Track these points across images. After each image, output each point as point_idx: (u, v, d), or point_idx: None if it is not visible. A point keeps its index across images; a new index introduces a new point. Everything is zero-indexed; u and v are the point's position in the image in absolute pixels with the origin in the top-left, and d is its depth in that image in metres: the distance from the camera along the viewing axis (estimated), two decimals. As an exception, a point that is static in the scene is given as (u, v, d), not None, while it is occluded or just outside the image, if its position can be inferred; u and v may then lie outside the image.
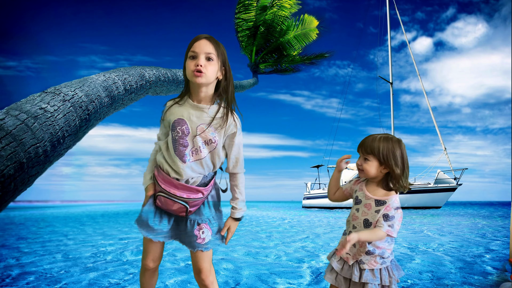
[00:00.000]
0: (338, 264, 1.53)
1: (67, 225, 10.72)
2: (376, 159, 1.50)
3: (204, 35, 1.53)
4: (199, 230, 1.62)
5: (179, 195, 1.53)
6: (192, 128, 1.54)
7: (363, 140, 1.56)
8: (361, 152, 1.54)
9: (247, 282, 3.05)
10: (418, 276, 3.27)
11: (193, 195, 1.56)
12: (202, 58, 1.49)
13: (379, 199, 1.50)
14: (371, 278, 1.46)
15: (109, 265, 3.87)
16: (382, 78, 25.95)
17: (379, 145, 1.49)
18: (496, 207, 31.98)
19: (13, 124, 1.93)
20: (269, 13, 11.68)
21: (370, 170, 1.51)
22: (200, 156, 1.54)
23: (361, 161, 1.54)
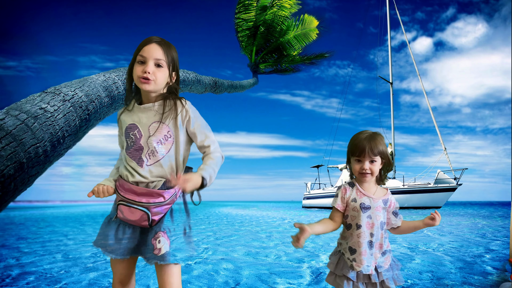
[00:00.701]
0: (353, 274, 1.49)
1: (67, 225, 10.73)
2: (381, 158, 1.51)
3: (155, 38, 1.46)
4: (156, 239, 1.46)
5: (138, 200, 1.42)
6: (143, 130, 1.46)
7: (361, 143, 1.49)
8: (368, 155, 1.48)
9: (247, 282, 3.05)
10: (418, 276, 3.27)
11: (153, 199, 1.43)
12: (151, 65, 1.42)
13: (384, 198, 1.53)
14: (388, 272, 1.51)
15: (109, 265, 3.87)
16: (382, 78, 25.96)
17: (380, 143, 1.51)
18: (496, 207, 31.98)
19: (13, 124, 1.93)
20: (269, 13, 11.69)
21: (377, 171, 1.52)
22: (157, 157, 1.45)
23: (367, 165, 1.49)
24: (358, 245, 1.50)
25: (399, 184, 22.44)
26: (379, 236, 1.50)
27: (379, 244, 1.50)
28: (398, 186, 22.29)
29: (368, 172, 1.49)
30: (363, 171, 1.49)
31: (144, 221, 1.45)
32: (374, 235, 1.50)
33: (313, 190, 28.63)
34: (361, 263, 1.49)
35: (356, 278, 1.49)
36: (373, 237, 1.50)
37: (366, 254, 1.49)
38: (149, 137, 1.45)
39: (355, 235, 1.51)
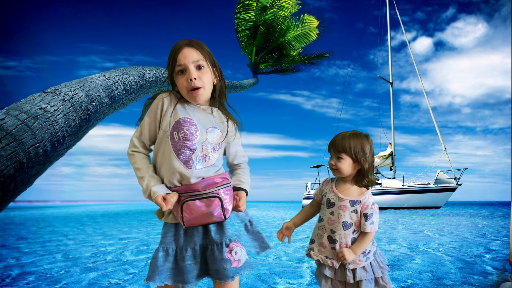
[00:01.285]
0: (330, 271, 1.51)
1: (67, 225, 10.73)
2: (349, 156, 1.49)
3: (184, 41, 1.35)
4: (230, 251, 1.34)
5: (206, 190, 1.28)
6: (201, 130, 1.34)
7: (333, 139, 1.54)
8: (333, 151, 1.52)
9: (247, 282, 3.05)
10: (418, 276, 3.27)
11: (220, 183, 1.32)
12: (193, 70, 1.32)
13: (353, 199, 1.48)
14: (364, 274, 1.48)
15: (109, 265, 3.87)
16: (382, 78, 25.95)
17: (350, 142, 1.49)
18: (496, 207, 31.99)
19: (13, 124, 1.93)
20: (269, 13, 11.69)
21: (344, 169, 1.50)
22: (209, 163, 1.35)
23: (334, 161, 1.52)
24: (318, 236, 1.56)
25: (399, 184, 22.44)
26: (342, 236, 1.48)
27: (343, 243, 1.48)
28: (398, 186, 22.29)
29: (334, 167, 1.52)
30: (330, 166, 1.54)
31: (218, 211, 1.30)
32: (336, 233, 1.49)
33: (313, 190, 28.61)
34: (320, 253, 1.53)
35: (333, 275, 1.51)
36: (334, 234, 1.50)
37: (325, 247, 1.52)
38: (206, 140, 1.35)
39: (317, 227, 1.57)
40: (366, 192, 1.51)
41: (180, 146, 1.30)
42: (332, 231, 1.50)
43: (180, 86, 1.35)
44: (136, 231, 8.24)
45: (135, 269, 3.64)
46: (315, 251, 1.55)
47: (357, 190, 1.52)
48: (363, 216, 1.47)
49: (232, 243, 1.36)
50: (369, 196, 1.51)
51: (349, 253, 1.44)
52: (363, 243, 1.47)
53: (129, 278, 3.25)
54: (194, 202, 1.28)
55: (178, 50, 1.33)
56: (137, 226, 9.86)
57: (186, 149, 1.30)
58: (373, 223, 1.47)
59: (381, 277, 1.51)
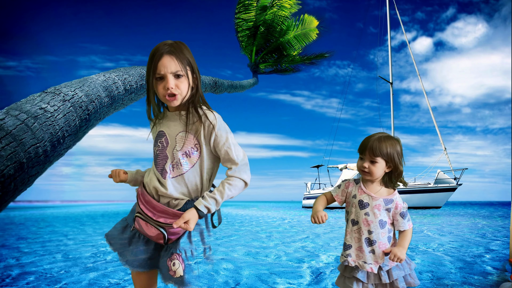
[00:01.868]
0: (363, 275, 1.49)
1: (67, 225, 10.73)
2: (384, 160, 1.50)
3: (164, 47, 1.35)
4: (170, 261, 1.39)
5: (156, 219, 1.35)
6: (170, 139, 1.38)
7: (367, 142, 1.51)
8: (369, 155, 1.50)
9: (247, 282, 3.05)
10: (418, 276, 3.27)
11: (170, 220, 1.34)
12: (171, 79, 1.33)
13: (387, 198, 1.52)
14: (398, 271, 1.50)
15: (109, 265, 3.87)
16: (382, 78, 25.95)
17: (386, 146, 1.50)
18: (496, 207, 31.98)
19: (13, 124, 1.93)
20: (269, 13, 11.69)
21: (377, 172, 1.51)
22: (181, 170, 1.36)
23: (367, 164, 1.51)
24: (355, 240, 1.53)
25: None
26: (379, 235, 1.49)
27: (382, 243, 1.49)
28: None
29: (367, 171, 1.51)
30: (362, 169, 1.52)
31: (160, 240, 1.39)
32: (373, 233, 1.50)
33: (313, 190, 28.62)
34: (358, 258, 1.51)
35: (366, 279, 1.48)
36: (371, 235, 1.49)
37: (363, 251, 1.50)
38: (175, 147, 1.37)
39: (352, 231, 1.54)
40: (395, 192, 1.56)
41: (157, 157, 1.42)
42: (370, 232, 1.50)
43: (158, 92, 1.39)
44: (136, 231, 8.23)
45: (135, 269, 3.64)
46: (353, 256, 1.52)
47: (385, 190, 1.55)
48: (400, 216, 1.52)
49: (175, 255, 1.40)
50: (399, 196, 1.56)
51: (401, 251, 1.44)
52: (407, 239, 1.50)
53: (129, 278, 3.25)
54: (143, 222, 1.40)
55: (158, 58, 1.34)
56: (137, 226, 9.85)
57: (161, 160, 1.40)
58: (409, 220, 1.53)
59: (409, 274, 1.53)
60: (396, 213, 1.52)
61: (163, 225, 1.36)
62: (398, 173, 1.53)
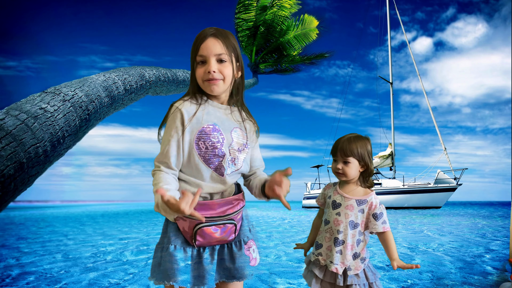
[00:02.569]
0: (320, 271, 1.52)
1: (67, 225, 10.73)
2: (356, 159, 1.51)
3: (210, 30, 1.27)
4: (249, 249, 1.31)
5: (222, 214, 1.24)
6: (226, 134, 1.28)
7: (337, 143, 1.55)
8: (340, 156, 1.52)
9: (247, 282, 3.05)
10: (418, 276, 3.27)
11: (236, 207, 1.28)
12: (213, 63, 1.24)
13: (360, 199, 1.50)
14: (356, 280, 1.48)
15: (109, 265, 3.87)
16: (382, 78, 25.95)
17: (357, 145, 1.51)
18: (496, 207, 31.98)
19: (13, 124, 1.93)
20: (269, 13, 11.69)
21: (351, 172, 1.51)
22: (238, 166, 1.30)
23: (340, 165, 1.52)
24: (324, 239, 1.55)
25: (399, 184, 22.44)
26: (348, 236, 1.48)
27: (350, 245, 1.48)
28: (398, 186, 22.28)
29: (340, 172, 1.52)
30: (336, 170, 1.53)
31: (231, 235, 1.27)
32: (341, 233, 1.49)
33: (313, 190, 28.61)
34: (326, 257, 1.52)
35: (323, 276, 1.50)
36: (339, 235, 1.49)
37: (332, 250, 1.50)
38: (232, 143, 1.28)
39: (323, 231, 1.56)
40: (371, 193, 1.53)
41: (209, 155, 1.24)
42: (338, 232, 1.50)
43: (197, 76, 1.28)
44: (136, 231, 8.24)
45: (135, 269, 3.64)
46: (323, 255, 1.54)
47: (362, 190, 1.53)
48: (373, 217, 1.47)
49: (250, 241, 1.33)
50: (375, 196, 1.52)
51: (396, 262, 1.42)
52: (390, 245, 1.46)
53: (129, 278, 3.25)
54: (210, 228, 1.23)
55: (202, 40, 1.26)
56: (137, 226, 9.86)
57: (215, 157, 1.24)
58: (385, 222, 1.47)
59: (374, 282, 1.51)
60: (369, 214, 1.49)
61: (231, 216, 1.26)
62: (369, 172, 1.53)
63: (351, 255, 1.48)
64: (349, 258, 1.48)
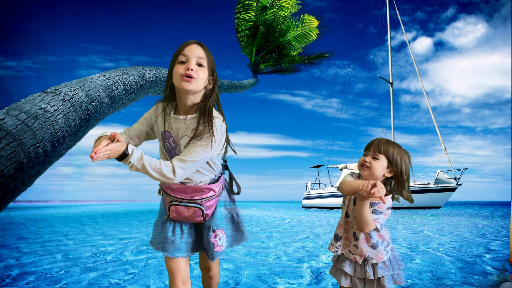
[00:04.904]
0: (350, 268, 1.52)
1: (67, 225, 10.73)
2: (386, 159, 1.48)
3: (195, 40, 1.43)
4: (215, 236, 1.54)
5: (191, 198, 1.48)
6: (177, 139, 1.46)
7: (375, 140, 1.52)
8: (372, 150, 1.50)
9: (247, 282, 3.05)
10: (418, 276, 3.27)
11: (205, 195, 1.50)
12: (193, 63, 1.37)
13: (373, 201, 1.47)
14: (385, 270, 1.48)
15: (109, 265, 3.87)
16: (382, 78, 25.94)
17: (392, 147, 1.49)
18: (496, 207, 31.97)
19: (13, 124, 1.93)
20: (269, 13, 11.69)
21: (377, 169, 1.48)
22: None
23: (369, 158, 1.49)
24: (344, 231, 1.56)
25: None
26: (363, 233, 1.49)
27: (365, 238, 1.49)
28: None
29: (368, 165, 1.50)
30: (363, 163, 1.51)
31: (199, 217, 1.52)
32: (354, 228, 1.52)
33: (313, 190, 28.60)
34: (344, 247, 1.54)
35: (353, 272, 1.51)
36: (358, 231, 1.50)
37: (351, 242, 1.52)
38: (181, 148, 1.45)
39: (344, 222, 1.56)
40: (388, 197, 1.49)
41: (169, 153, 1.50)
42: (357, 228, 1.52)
43: (175, 73, 1.39)
44: (136, 231, 8.24)
45: (135, 269, 3.64)
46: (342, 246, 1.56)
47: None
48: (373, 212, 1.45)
49: (218, 230, 1.56)
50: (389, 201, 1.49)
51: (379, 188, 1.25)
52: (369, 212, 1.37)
53: (129, 278, 3.25)
54: (180, 207, 1.50)
55: (187, 44, 1.41)
56: (137, 226, 9.86)
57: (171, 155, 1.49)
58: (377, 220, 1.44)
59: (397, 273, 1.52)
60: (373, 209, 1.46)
61: (199, 201, 1.49)
62: (401, 181, 1.49)
63: (368, 247, 1.49)
64: (367, 249, 1.49)
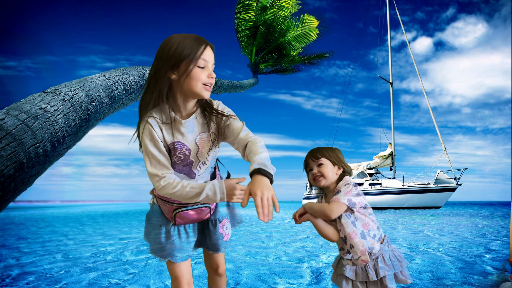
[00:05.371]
0: (351, 272, 1.51)
1: (67, 225, 10.73)
2: (329, 160, 1.52)
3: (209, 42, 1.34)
4: (222, 227, 1.59)
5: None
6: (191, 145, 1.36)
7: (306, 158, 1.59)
8: (311, 160, 1.54)
9: (247, 282, 3.05)
10: (418, 276, 3.27)
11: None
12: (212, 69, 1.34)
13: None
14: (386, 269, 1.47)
15: (109, 265, 3.87)
16: (382, 78, 25.94)
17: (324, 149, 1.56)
18: (496, 207, 31.97)
19: (13, 124, 1.93)
20: (269, 13, 11.68)
21: (328, 173, 1.51)
22: (208, 164, 1.45)
23: (315, 169, 1.53)
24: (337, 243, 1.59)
25: (399, 184, 22.43)
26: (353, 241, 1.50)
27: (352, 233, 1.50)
28: (398, 186, 22.27)
29: (319, 175, 1.52)
30: (314, 176, 1.53)
31: (207, 215, 1.54)
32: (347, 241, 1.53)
33: (313, 190, 28.57)
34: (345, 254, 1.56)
35: (354, 277, 1.49)
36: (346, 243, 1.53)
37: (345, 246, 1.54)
38: (198, 150, 1.38)
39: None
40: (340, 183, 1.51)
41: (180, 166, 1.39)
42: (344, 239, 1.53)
43: (196, 78, 1.28)
44: (136, 231, 8.24)
45: (135, 269, 3.64)
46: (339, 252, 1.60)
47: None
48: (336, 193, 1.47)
49: (224, 220, 1.61)
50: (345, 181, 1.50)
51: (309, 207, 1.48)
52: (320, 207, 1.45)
53: (129, 278, 3.25)
54: (187, 212, 1.47)
55: (206, 46, 1.31)
56: (137, 226, 9.86)
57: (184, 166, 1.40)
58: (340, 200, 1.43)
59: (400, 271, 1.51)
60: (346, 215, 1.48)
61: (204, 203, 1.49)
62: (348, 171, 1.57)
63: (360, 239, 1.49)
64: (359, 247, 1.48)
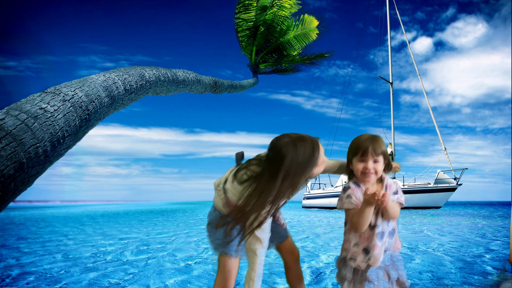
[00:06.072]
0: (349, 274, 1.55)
1: (67, 225, 10.73)
2: (383, 157, 1.53)
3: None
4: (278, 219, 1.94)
5: None
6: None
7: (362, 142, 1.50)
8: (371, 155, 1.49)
9: (247, 282, 3.05)
10: (418, 276, 3.27)
11: None
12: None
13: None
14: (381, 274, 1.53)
15: (109, 265, 3.87)
16: (382, 78, 25.93)
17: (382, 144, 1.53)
18: (496, 207, 31.97)
19: (13, 124, 1.93)
20: (269, 13, 11.69)
21: (380, 170, 1.54)
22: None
23: (371, 165, 1.50)
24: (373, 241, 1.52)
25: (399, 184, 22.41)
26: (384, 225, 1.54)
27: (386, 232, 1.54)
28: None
29: (372, 172, 1.50)
30: (367, 170, 1.50)
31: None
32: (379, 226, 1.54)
33: (313, 190, 28.60)
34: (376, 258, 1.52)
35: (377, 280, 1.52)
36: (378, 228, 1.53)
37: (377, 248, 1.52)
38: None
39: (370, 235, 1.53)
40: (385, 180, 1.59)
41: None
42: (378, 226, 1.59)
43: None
44: (136, 231, 8.24)
45: (135, 269, 3.64)
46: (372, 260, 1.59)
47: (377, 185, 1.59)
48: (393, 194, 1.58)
49: (278, 214, 1.96)
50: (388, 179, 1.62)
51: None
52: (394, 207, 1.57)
53: (129, 278, 3.25)
54: None
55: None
56: (137, 226, 9.86)
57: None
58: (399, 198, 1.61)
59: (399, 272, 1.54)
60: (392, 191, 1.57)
61: None
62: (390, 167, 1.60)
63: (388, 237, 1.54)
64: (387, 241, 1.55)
